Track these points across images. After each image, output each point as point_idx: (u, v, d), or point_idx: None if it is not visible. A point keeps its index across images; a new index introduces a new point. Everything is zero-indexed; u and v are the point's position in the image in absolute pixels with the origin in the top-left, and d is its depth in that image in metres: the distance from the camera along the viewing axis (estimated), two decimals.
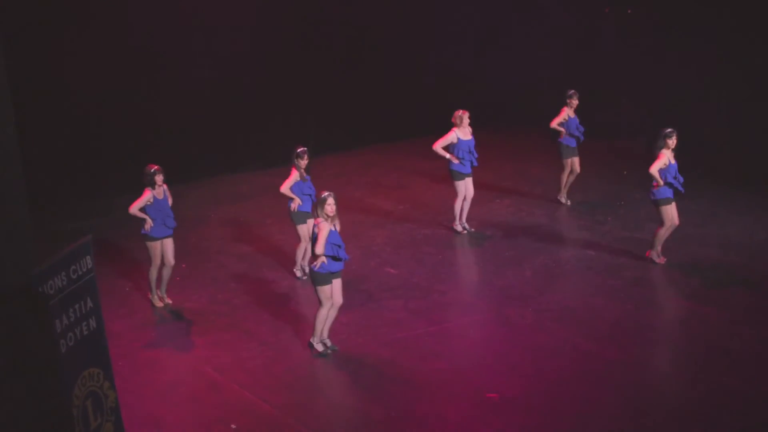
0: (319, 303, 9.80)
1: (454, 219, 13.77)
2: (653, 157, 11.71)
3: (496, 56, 20.22)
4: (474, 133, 13.47)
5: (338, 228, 9.65)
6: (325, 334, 10.01)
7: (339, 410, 9.05)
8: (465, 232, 13.67)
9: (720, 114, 16.96)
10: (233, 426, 8.61)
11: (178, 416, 8.95)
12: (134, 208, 11.15)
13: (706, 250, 12.40)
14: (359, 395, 9.13)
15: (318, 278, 9.63)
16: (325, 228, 9.46)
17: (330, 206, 9.52)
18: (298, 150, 11.71)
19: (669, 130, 11.66)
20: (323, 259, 9.49)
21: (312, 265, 9.64)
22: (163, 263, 11.42)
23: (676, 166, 11.64)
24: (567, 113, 14.47)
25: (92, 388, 6.72)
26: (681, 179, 11.67)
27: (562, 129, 14.47)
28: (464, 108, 13.49)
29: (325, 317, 9.87)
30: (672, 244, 12.61)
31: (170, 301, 11.68)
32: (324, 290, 9.69)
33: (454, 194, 13.61)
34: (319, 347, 9.95)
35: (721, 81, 17.04)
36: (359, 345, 10.18)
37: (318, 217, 9.57)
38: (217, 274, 12.72)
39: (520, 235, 13.55)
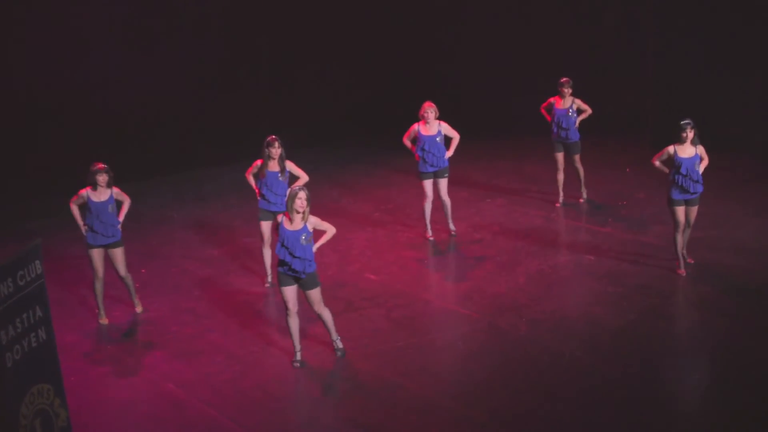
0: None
1: (425, 224, 13.62)
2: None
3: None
4: (447, 127, 13.17)
5: (311, 228, 9.70)
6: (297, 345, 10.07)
7: (313, 431, 9.02)
8: (450, 235, 13.68)
9: (733, 110, 17.03)
10: None
11: None
12: (72, 204, 11.14)
13: (717, 255, 12.46)
14: (336, 414, 9.13)
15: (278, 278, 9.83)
16: (284, 222, 9.62)
17: (300, 201, 9.56)
18: (268, 138, 11.74)
19: (684, 122, 11.43)
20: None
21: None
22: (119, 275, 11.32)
23: (686, 162, 11.37)
24: (554, 102, 14.31)
25: (41, 406, 6.69)
26: (696, 177, 11.39)
27: (548, 117, 14.37)
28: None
29: (294, 325, 9.96)
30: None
31: (138, 310, 11.59)
32: (283, 291, 9.83)
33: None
34: (297, 356, 10.06)
35: (736, 75, 17.11)
36: (336, 358, 10.17)
37: (286, 211, 9.66)
38: (181, 280, 12.68)
39: (513, 237, 13.57)
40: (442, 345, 10.45)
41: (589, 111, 14.27)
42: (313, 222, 9.77)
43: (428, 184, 13.34)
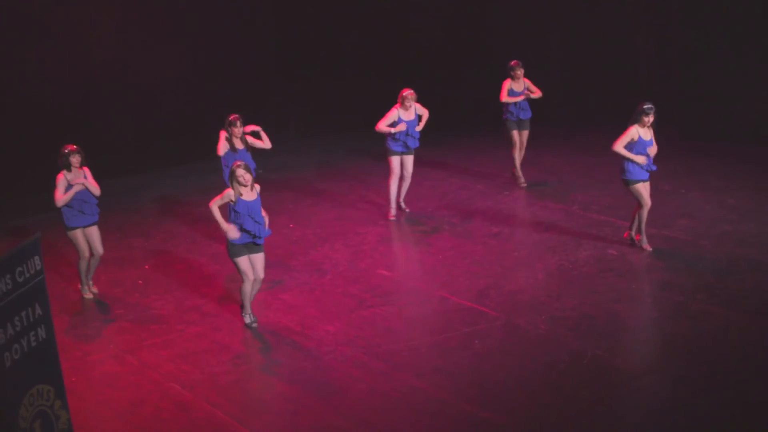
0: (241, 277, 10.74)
1: (389, 204, 14.40)
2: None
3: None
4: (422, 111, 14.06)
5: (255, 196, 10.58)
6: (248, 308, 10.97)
7: None
8: (401, 211, 14.54)
9: (761, 101, 16.96)
10: None
11: None
12: (61, 201, 11.50)
13: (744, 250, 12.41)
14: (347, 416, 9.12)
15: (230, 250, 10.60)
16: (229, 190, 10.48)
17: (242, 177, 10.42)
18: (230, 117, 12.90)
19: (647, 106, 12.15)
20: (227, 227, 10.50)
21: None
22: (92, 254, 11.83)
23: (647, 144, 12.15)
24: (510, 86, 15.15)
25: (41, 408, 6.70)
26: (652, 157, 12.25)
27: (515, 99, 15.20)
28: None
29: (249, 291, 10.78)
30: (706, 242, 12.64)
31: (96, 290, 12.16)
32: (240, 262, 10.60)
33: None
34: (246, 319, 10.95)
35: (764, 65, 17.04)
36: (348, 357, 10.18)
37: (230, 187, 10.50)
38: (186, 277, 12.71)
39: (531, 231, 13.56)
40: (458, 344, 10.44)
41: (539, 93, 15.32)
42: (257, 188, 10.68)
43: (397, 161, 14.19)
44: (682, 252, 12.45)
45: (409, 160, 14.25)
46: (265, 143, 13.23)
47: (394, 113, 13.95)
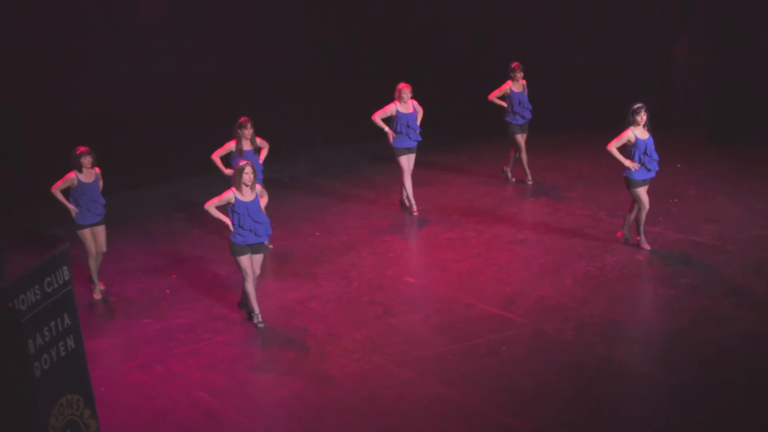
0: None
1: (410, 202, 14.93)
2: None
3: None
4: (420, 106, 14.58)
5: (264, 201, 11.08)
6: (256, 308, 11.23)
7: None
8: (405, 209, 14.98)
9: None
10: None
11: None
12: (55, 189, 12.03)
13: None
14: (375, 424, 9.14)
15: (232, 248, 11.06)
16: (228, 193, 10.88)
17: (248, 175, 10.80)
18: (240, 120, 13.13)
19: (637, 105, 12.30)
20: (228, 221, 10.94)
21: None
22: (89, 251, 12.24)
23: (647, 143, 12.24)
24: (510, 87, 15.43)
25: (71, 417, 6.76)
26: (656, 157, 12.32)
27: (503, 103, 15.54)
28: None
29: (252, 291, 11.12)
30: (734, 247, 12.59)
31: (103, 288, 12.50)
32: (241, 260, 11.02)
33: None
34: (254, 319, 11.27)
35: None
36: (375, 365, 10.21)
37: (234, 186, 10.89)
38: (213, 285, 12.76)
39: (558, 237, 13.54)
40: (485, 351, 10.45)
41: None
42: (258, 190, 11.08)
43: (405, 159, 14.67)
44: (710, 257, 12.40)
45: (411, 158, 14.76)
46: (261, 155, 13.45)
47: (392, 107, 14.50)
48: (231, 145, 13.24)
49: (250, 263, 11.10)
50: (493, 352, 10.41)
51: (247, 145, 13.23)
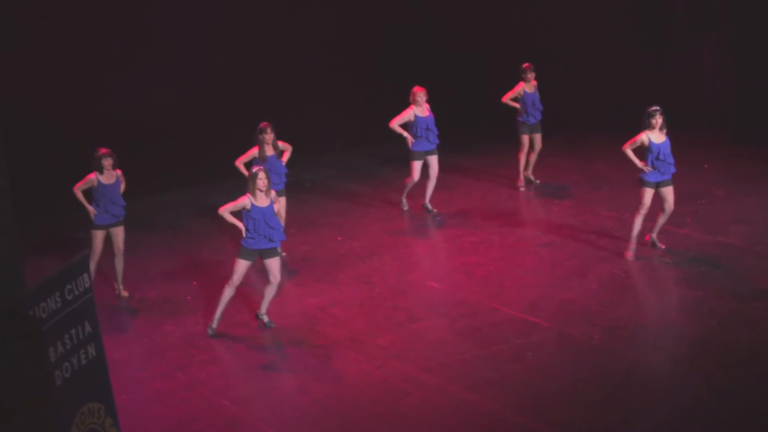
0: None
1: (401, 201, 15.17)
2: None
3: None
4: (433, 110, 14.65)
5: (278, 206, 11.18)
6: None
7: None
8: (427, 212, 14.98)
9: None
10: None
11: None
12: (76, 189, 12.19)
13: None
14: (399, 430, 9.08)
15: (241, 250, 11.10)
16: (243, 198, 10.93)
17: (261, 180, 10.87)
18: (261, 125, 13.14)
19: (652, 108, 12.28)
20: (242, 225, 10.97)
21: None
22: (113, 252, 12.39)
23: (660, 147, 12.22)
24: (523, 89, 15.52)
25: (92, 426, 6.74)
26: (671, 161, 12.31)
27: (516, 104, 15.59)
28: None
29: (229, 296, 11.19)
30: (762, 248, 12.48)
31: (126, 294, 12.59)
32: (240, 264, 11.06)
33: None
34: (211, 325, 11.33)
35: None
36: (399, 371, 10.15)
37: (248, 192, 10.94)
38: (235, 292, 12.71)
39: (583, 240, 13.46)
40: (510, 356, 10.38)
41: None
42: (272, 195, 11.08)
43: (419, 165, 14.75)
44: (738, 259, 12.29)
45: (434, 160, 14.74)
46: (284, 157, 13.51)
47: (410, 112, 14.50)
48: (254, 152, 13.25)
49: (244, 272, 11.18)
50: (518, 358, 10.34)
51: (269, 150, 13.23)
